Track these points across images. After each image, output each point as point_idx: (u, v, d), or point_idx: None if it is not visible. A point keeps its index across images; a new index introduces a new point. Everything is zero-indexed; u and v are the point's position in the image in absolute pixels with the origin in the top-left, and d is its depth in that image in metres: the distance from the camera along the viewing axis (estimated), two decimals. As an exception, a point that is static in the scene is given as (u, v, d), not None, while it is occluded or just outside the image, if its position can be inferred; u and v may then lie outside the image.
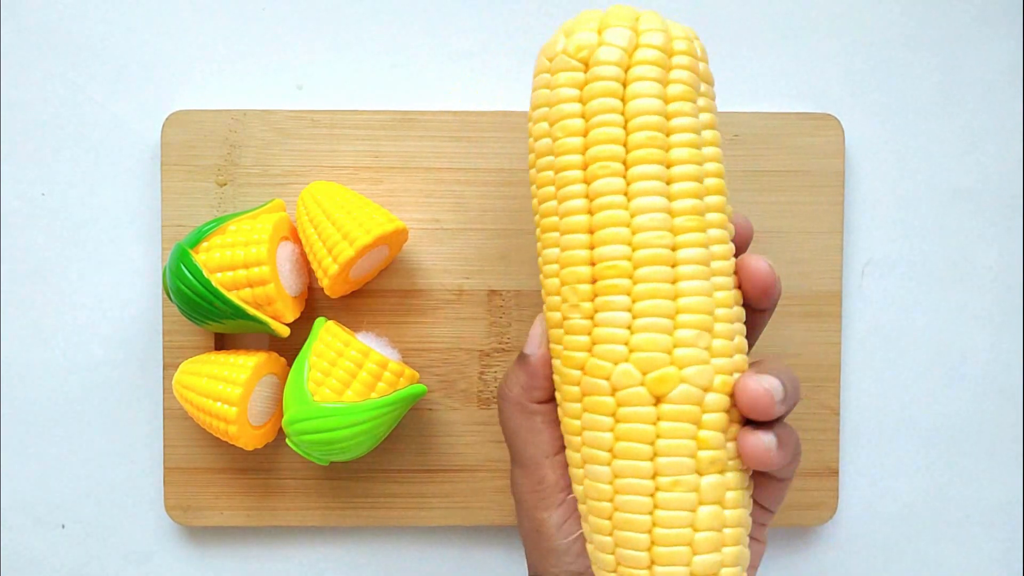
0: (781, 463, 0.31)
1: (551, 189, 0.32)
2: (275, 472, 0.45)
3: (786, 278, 0.45)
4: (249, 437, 0.41)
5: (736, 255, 0.33)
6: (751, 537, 0.34)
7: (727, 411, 0.31)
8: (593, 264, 0.31)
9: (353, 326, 0.44)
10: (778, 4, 0.46)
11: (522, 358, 0.36)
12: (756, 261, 0.32)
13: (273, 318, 0.41)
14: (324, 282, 0.41)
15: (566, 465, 0.35)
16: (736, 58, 0.46)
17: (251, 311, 0.40)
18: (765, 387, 0.30)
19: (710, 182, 0.32)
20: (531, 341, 0.35)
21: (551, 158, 0.32)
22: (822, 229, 0.45)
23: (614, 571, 0.31)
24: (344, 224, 0.40)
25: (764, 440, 0.30)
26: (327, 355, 0.40)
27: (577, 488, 0.33)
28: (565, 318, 0.32)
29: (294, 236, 0.43)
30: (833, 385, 0.45)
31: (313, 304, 0.45)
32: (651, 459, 0.30)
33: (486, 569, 0.46)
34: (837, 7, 0.46)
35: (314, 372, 0.40)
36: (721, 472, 0.30)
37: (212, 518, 0.45)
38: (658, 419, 0.30)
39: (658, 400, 0.30)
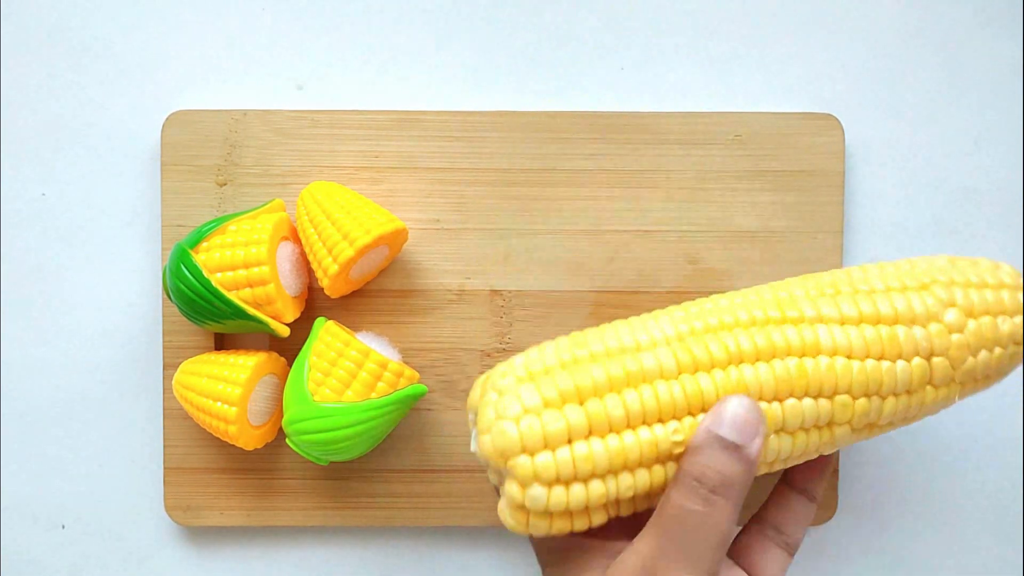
0: None
1: None
2: (275, 472, 0.45)
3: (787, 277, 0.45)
4: (249, 437, 0.41)
5: None
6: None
7: None
8: None
9: (353, 326, 0.44)
10: (778, 4, 0.46)
11: (737, 451, 0.31)
12: None
13: (273, 318, 0.41)
14: (324, 282, 0.41)
15: None
16: (736, 58, 0.46)
17: (251, 311, 0.40)
18: None
19: None
20: (744, 429, 0.31)
21: None
22: (822, 229, 0.45)
23: None
24: (344, 224, 0.40)
25: None
26: (327, 355, 0.40)
27: None
28: None
29: (294, 236, 0.43)
30: (833, 385, 0.45)
31: (313, 304, 0.45)
32: None
33: (486, 569, 0.46)
34: (837, 7, 0.46)
35: (314, 372, 0.40)
36: None
37: (212, 518, 0.45)
38: None
39: None
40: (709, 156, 0.45)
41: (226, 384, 0.40)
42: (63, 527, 0.46)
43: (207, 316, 0.40)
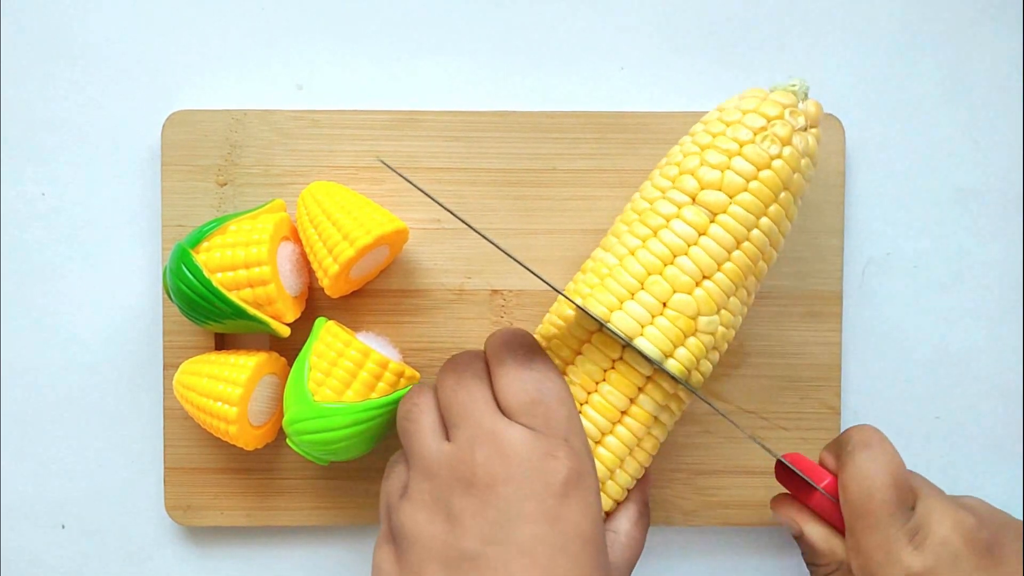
0: None
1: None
2: (275, 472, 0.45)
3: (786, 277, 0.45)
4: (249, 437, 0.41)
5: None
6: None
7: None
8: None
9: (353, 326, 0.44)
10: (779, 4, 0.46)
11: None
12: None
13: (273, 318, 0.41)
14: (324, 282, 0.41)
15: None
16: (736, 58, 0.46)
17: (251, 311, 0.40)
18: None
19: None
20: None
21: None
22: (822, 229, 0.45)
23: None
24: (344, 224, 0.40)
25: None
26: (327, 355, 0.40)
27: None
28: None
29: (294, 236, 0.43)
30: (833, 385, 0.45)
31: (313, 304, 0.45)
32: None
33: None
34: (837, 7, 0.46)
35: (314, 372, 0.40)
36: None
37: (212, 518, 0.45)
38: None
39: None
40: (709, 156, 0.45)
41: (226, 384, 0.40)
42: (63, 527, 0.46)
43: (207, 316, 0.40)
